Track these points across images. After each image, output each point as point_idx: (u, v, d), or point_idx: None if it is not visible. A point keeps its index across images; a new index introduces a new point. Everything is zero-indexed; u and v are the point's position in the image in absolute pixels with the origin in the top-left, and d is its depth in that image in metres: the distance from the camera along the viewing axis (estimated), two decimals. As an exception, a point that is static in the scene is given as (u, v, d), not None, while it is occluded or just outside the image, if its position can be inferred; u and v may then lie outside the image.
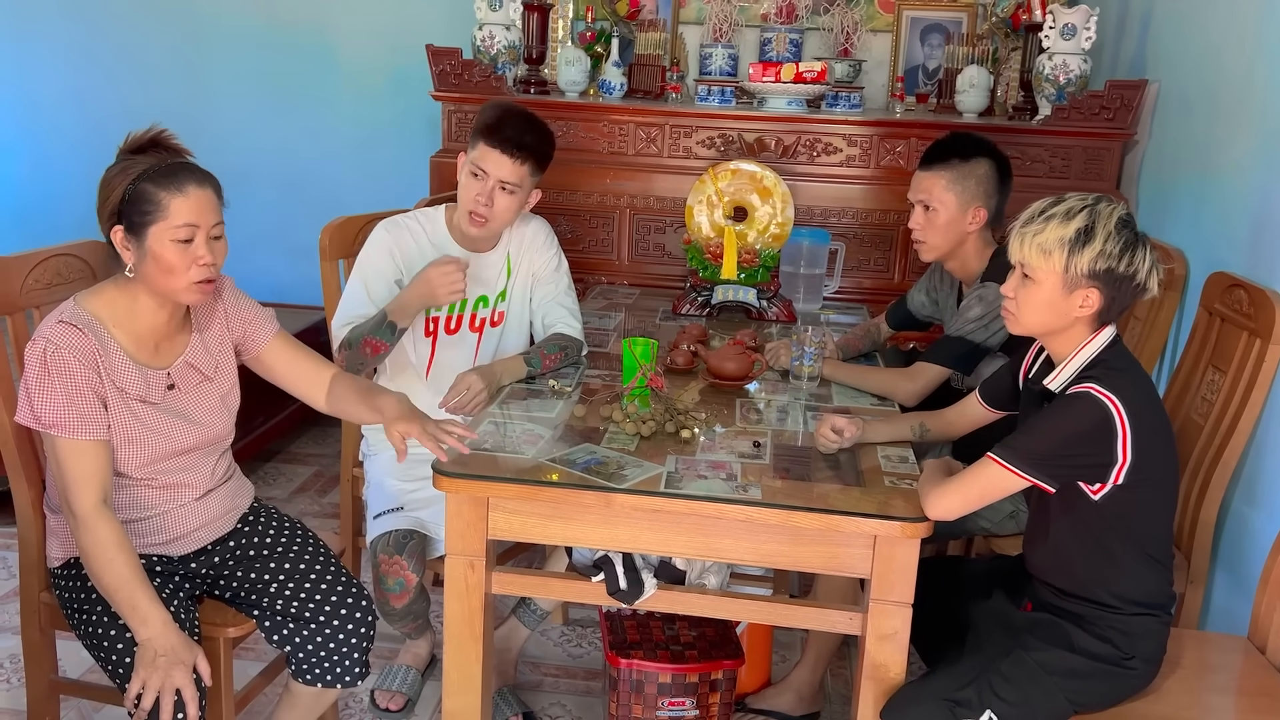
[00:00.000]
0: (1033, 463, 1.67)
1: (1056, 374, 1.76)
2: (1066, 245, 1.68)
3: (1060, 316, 1.73)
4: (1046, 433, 1.69)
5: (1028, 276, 1.73)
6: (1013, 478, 1.68)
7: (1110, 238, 1.67)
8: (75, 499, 1.72)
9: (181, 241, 1.75)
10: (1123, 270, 1.68)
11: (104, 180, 1.77)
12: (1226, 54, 2.61)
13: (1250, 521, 2.24)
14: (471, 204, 2.31)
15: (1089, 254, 1.67)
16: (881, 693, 1.79)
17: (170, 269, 1.76)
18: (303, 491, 3.63)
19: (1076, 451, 1.67)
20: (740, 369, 2.30)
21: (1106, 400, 1.65)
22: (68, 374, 1.72)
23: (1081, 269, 1.68)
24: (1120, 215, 1.70)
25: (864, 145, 3.23)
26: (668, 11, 3.92)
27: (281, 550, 1.99)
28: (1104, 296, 1.70)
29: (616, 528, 1.80)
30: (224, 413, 1.96)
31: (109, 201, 1.75)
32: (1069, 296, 1.71)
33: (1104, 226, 1.68)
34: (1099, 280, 1.68)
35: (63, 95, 4.31)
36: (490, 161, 2.27)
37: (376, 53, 4.15)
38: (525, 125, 2.31)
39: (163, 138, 1.81)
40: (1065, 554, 1.79)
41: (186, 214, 1.75)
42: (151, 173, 1.74)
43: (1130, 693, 1.78)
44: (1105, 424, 1.65)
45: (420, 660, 2.53)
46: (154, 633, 1.69)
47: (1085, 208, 1.69)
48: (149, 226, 1.74)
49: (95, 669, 2.36)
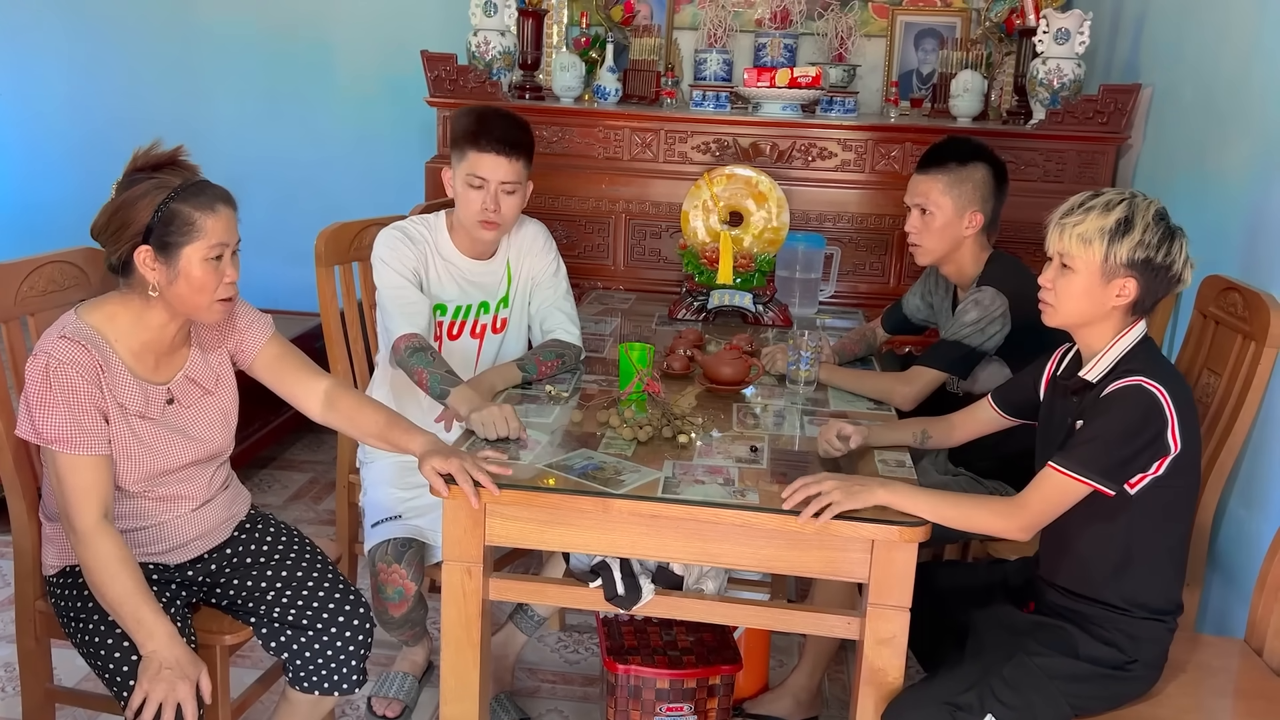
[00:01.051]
0: (1096, 468, 1.69)
1: (1092, 365, 1.78)
2: (1106, 235, 1.72)
3: (1097, 306, 1.76)
4: (1102, 434, 1.70)
5: (1066, 266, 1.76)
6: (1078, 485, 1.70)
7: (1149, 228, 1.71)
8: (76, 514, 1.72)
9: (213, 259, 1.76)
10: (1160, 260, 1.72)
11: (124, 200, 1.74)
12: (1221, 57, 2.62)
13: (1246, 524, 2.24)
14: (479, 214, 2.30)
15: (1128, 243, 1.71)
16: (880, 697, 1.79)
17: (202, 288, 1.77)
18: (298, 499, 3.63)
19: (1134, 446, 1.69)
20: (737, 374, 2.29)
21: (1155, 390, 1.68)
22: (70, 389, 1.71)
23: (1120, 258, 1.71)
24: (1157, 208, 1.74)
25: (859, 150, 3.24)
26: (662, 17, 3.92)
27: (279, 558, 1.99)
28: (1140, 286, 1.73)
29: (614, 533, 1.79)
30: (224, 427, 1.95)
31: (134, 222, 1.73)
32: (1107, 286, 1.74)
33: (1142, 217, 1.72)
34: (1136, 270, 1.72)
35: (59, 101, 4.31)
36: (486, 167, 2.27)
37: (371, 59, 4.16)
38: (508, 123, 2.31)
39: (177, 155, 1.81)
40: (1081, 554, 1.80)
41: (219, 233, 1.77)
42: (182, 193, 1.74)
43: (1131, 697, 1.78)
44: (1157, 413, 1.68)
45: (417, 667, 2.52)
46: (159, 645, 1.69)
47: (1124, 200, 1.74)
48: (183, 247, 1.74)
49: (91, 678, 2.35)
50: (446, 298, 2.41)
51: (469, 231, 2.36)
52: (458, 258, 2.41)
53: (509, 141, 2.28)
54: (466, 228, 2.36)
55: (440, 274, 2.39)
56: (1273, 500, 2.15)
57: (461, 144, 2.30)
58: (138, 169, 1.77)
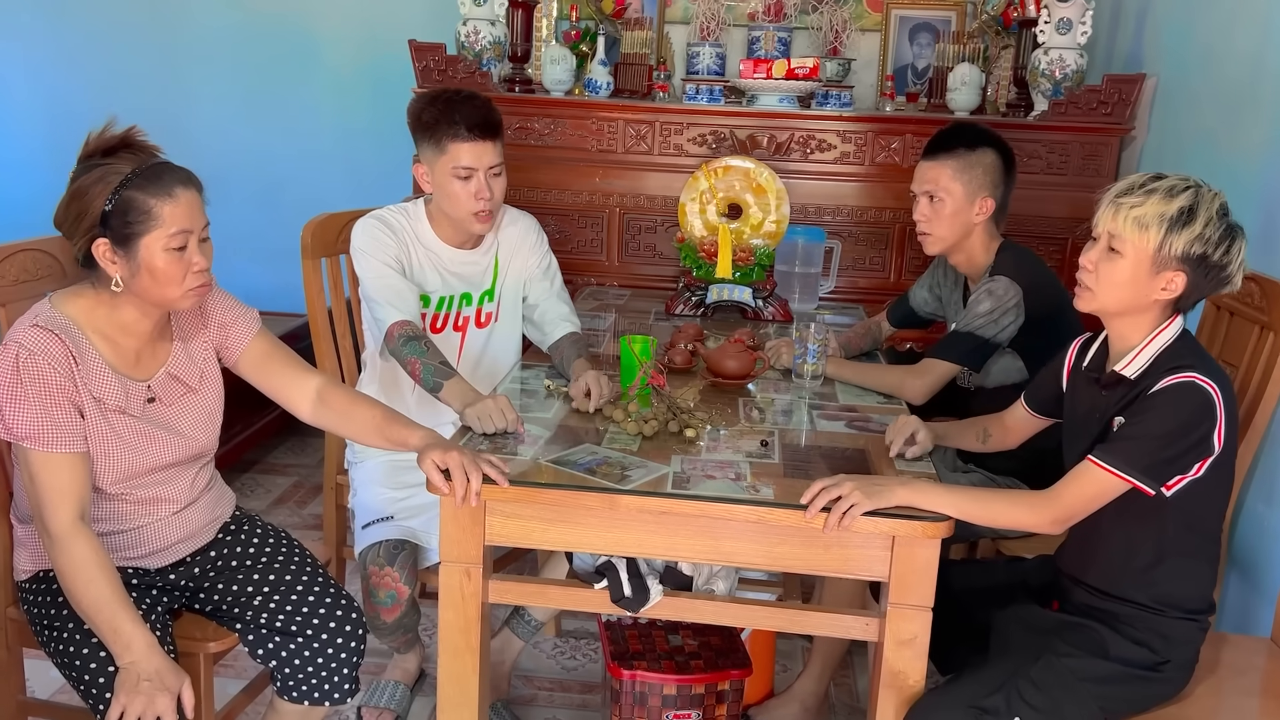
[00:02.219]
0: (1140, 465, 1.60)
1: (1131, 359, 1.68)
2: (1166, 222, 1.60)
3: (1139, 297, 1.65)
4: (1151, 430, 1.61)
5: (1114, 250, 1.64)
6: (1117, 482, 1.61)
7: (1211, 223, 1.60)
8: (50, 516, 1.61)
9: (176, 249, 1.65)
10: (1216, 258, 1.61)
11: (77, 189, 1.63)
12: (1233, 44, 2.57)
13: (1267, 520, 2.18)
14: (473, 204, 2.22)
15: (1187, 235, 1.60)
16: (901, 701, 1.71)
17: (167, 279, 1.66)
18: (282, 503, 3.52)
19: (1181, 446, 1.60)
20: (742, 367, 2.22)
21: (1209, 388, 1.59)
22: (42, 382, 1.61)
23: (1175, 250, 1.60)
24: (1222, 201, 1.63)
25: (858, 142, 3.17)
26: (654, 10, 3.86)
27: (265, 561, 1.89)
28: (1189, 282, 1.62)
29: (621, 531, 1.71)
30: (208, 426, 1.85)
31: (88, 213, 1.62)
32: (1154, 277, 1.63)
33: (1206, 209, 1.60)
34: (1189, 264, 1.61)
35: (31, 91, 4.21)
36: (469, 155, 2.19)
37: (356, 49, 4.08)
38: (478, 105, 2.21)
39: (132, 136, 1.69)
40: (1112, 552, 1.72)
41: (179, 220, 1.64)
42: (136, 179, 1.62)
43: (1162, 699, 1.72)
44: (1209, 412, 1.59)
45: (409, 676, 2.43)
46: (138, 657, 1.59)
47: (1189, 188, 1.62)
48: (140, 237, 1.63)
49: (66, 689, 2.23)
50: (429, 288, 2.32)
51: (462, 225, 2.28)
52: (440, 246, 2.33)
53: (488, 124, 2.20)
54: (458, 221, 2.27)
55: (422, 263, 2.31)
56: (1294, 495, 2.09)
57: (436, 135, 2.19)
58: (90, 154, 1.66)
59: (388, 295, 2.20)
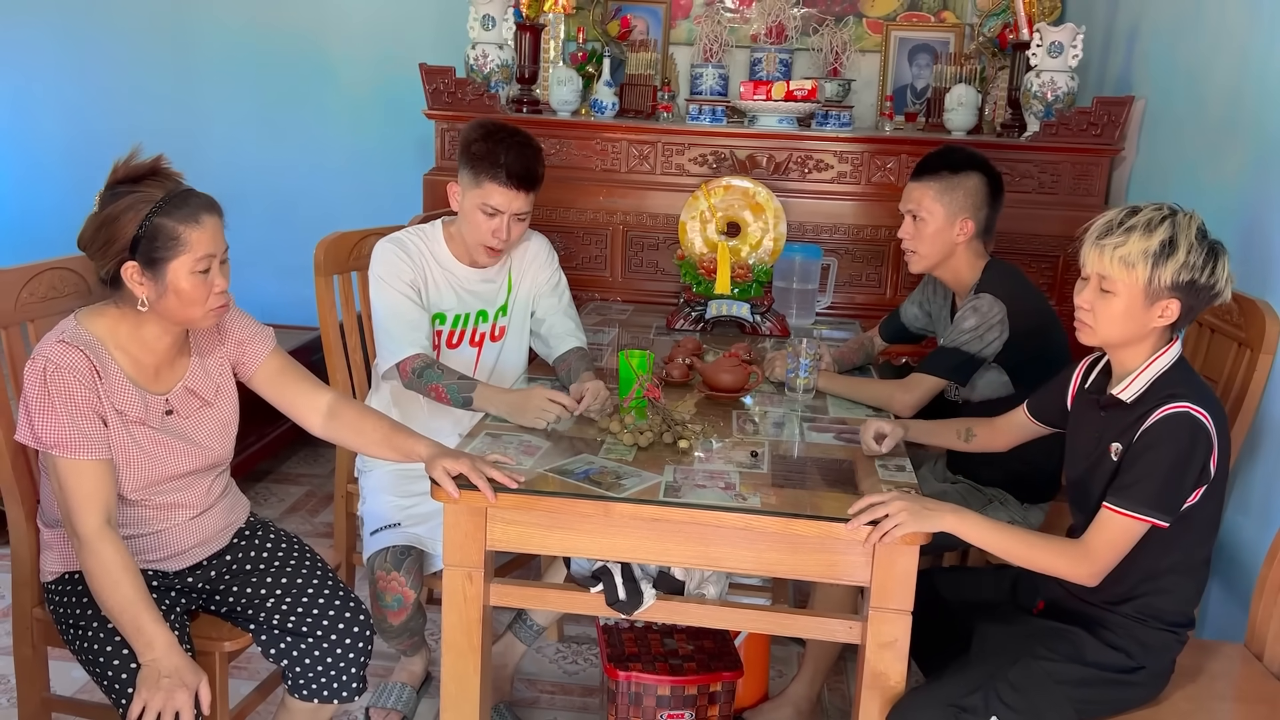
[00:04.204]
0: (1156, 505, 1.66)
1: (1128, 384, 1.74)
2: (1151, 257, 1.66)
3: (1139, 327, 1.71)
4: (1156, 469, 1.66)
5: (1106, 290, 1.71)
6: (1139, 525, 1.67)
7: (1193, 249, 1.66)
8: (79, 520, 1.71)
9: (200, 273, 1.75)
10: (1204, 281, 1.68)
11: (109, 215, 1.72)
12: (1214, 69, 2.64)
13: (1245, 530, 2.24)
14: (488, 239, 2.31)
15: (1173, 266, 1.66)
16: (883, 702, 1.78)
17: (192, 301, 1.76)
18: (295, 511, 3.61)
19: (1187, 478, 1.67)
20: (736, 381, 2.30)
21: (1201, 417, 1.65)
22: (68, 394, 1.70)
23: (1165, 281, 1.67)
24: (1198, 225, 1.69)
25: (855, 162, 3.26)
26: (658, 32, 3.95)
27: (278, 565, 1.98)
28: (1183, 306, 1.69)
29: (615, 537, 1.79)
30: (223, 437, 1.95)
31: (118, 238, 1.71)
32: (1149, 308, 1.69)
33: (1186, 237, 1.67)
34: (1180, 291, 1.68)
35: (53, 110, 4.32)
36: (501, 199, 2.27)
37: (369, 71, 4.17)
38: (526, 155, 2.28)
39: (159, 164, 1.78)
40: None
41: (205, 245, 1.75)
42: (166, 206, 1.72)
43: (1137, 703, 1.78)
44: (1205, 440, 1.66)
45: (416, 678, 2.51)
46: (159, 654, 1.68)
47: (1165, 219, 1.68)
48: (168, 262, 1.72)
49: (89, 687, 2.33)
50: (445, 307, 2.41)
51: (471, 251, 2.37)
52: (456, 266, 2.42)
53: (529, 177, 2.28)
54: (469, 246, 2.37)
55: (439, 283, 2.40)
56: (1270, 506, 2.16)
57: (477, 169, 2.27)
58: (119, 181, 1.74)
59: (401, 328, 2.28)
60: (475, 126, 2.34)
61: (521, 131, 2.34)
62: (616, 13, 3.92)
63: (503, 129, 2.32)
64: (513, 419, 2.10)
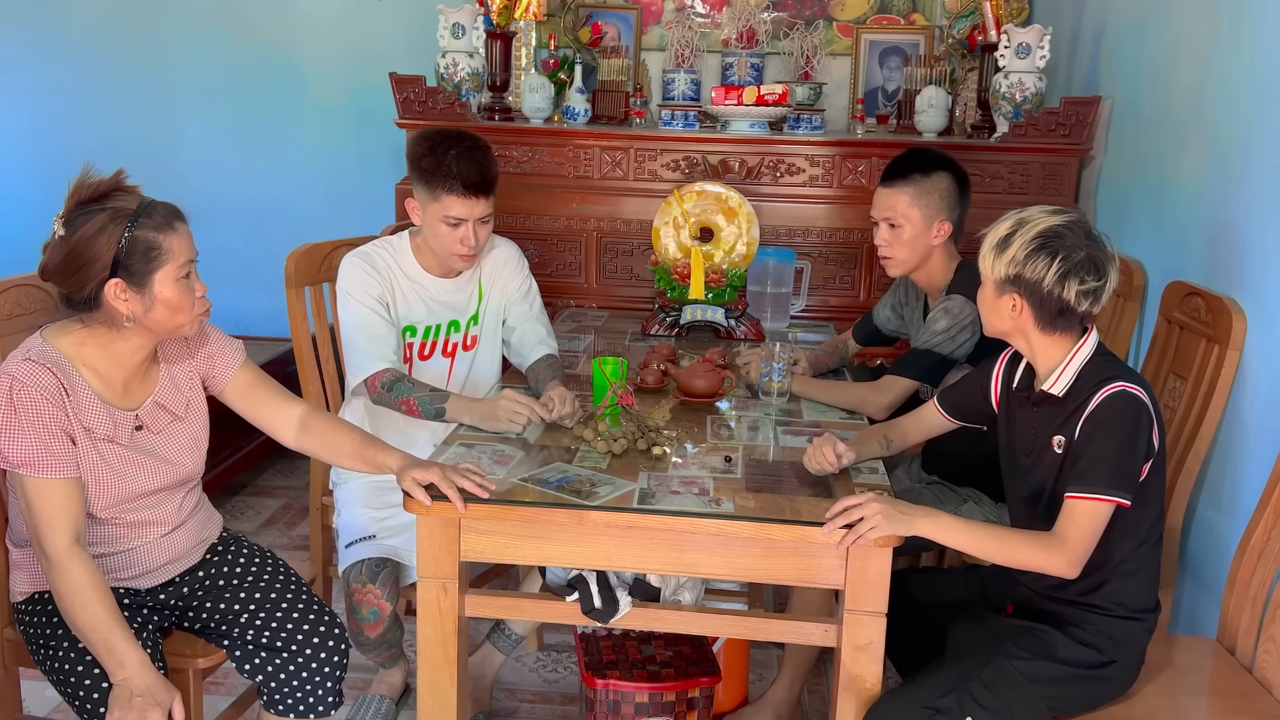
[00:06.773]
0: (1117, 483, 1.68)
1: (1056, 378, 1.79)
2: (992, 250, 1.78)
3: (1002, 319, 1.81)
4: (1109, 448, 1.69)
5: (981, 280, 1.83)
6: (1106, 506, 1.69)
7: (1024, 245, 1.73)
8: (47, 539, 1.69)
9: (184, 279, 1.76)
10: (1031, 277, 1.73)
11: (81, 238, 1.69)
12: (1178, 70, 2.67)
13: (1215, 525, 2.26)
14: (457, 248, 2.30)
15: (1004, 260, 1.76)
16: (859, 704, 1.79)
17: (179, 308, 1.76)
18: (271, 524, 3.59)
19: (1137, 453, 1.70)
20: (710, 386, 2.30)
21: (1138, 393, 1.70)
22: (35, 412, 1.69)
23: (999, 273, 1.77)
24: (1051, 225, 1.73)
25: (826, 165, 3.27)
26: (630, 38, 3.96)
27: (252, 579, 1.97)
28: (1031, 304, 1.76)
29: (590, 546, 1.79)
30: (194, 452, 1.94)
31: (98, 258, 1.69)
32: (999, 300, 1.79)
33: (1023, 235, 1.74)
34: (1017, 286, 1.76)
35: (21, 125, 4.28)
36: (460, 208, 2.26)
37: (340, 82, 4.17)
38: (476, 159, 2.26)
39: (120, 179, 1.77)
40: None
41: (185, 251, 1.76)
42: (142, 218, 1.72)
43: (1109, 698, 1.79)
44: (1146, 416, 1.71)
45: (394, 690, 2.49)
46: (131, 674, 1.66)
47: (1019, 216, 1.77)
48: (154, 273, 1.73)
49: (62, 708, 2.30)
50: (415, 319, 2.40)
51: (444, 261, 2.37)
52: (424, 277, 2.41)
53: (483, 183, 2.27)
54: (441, 258, 2.36)
55: (407, 295, 2.39)
56: (1240, 502, 2.17)
57: (431, 183, 2.25)
58: (84, 201, 1.72)
59: (369, 342, 2.27)
60: (419, 140, 2.31)
61: (467, 135, 2.32)
62: (588, 19, 3.92)
63: (447, 137, 2.29)
64: (485, 427, 2.10)
